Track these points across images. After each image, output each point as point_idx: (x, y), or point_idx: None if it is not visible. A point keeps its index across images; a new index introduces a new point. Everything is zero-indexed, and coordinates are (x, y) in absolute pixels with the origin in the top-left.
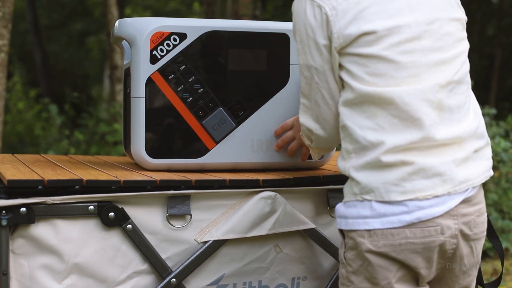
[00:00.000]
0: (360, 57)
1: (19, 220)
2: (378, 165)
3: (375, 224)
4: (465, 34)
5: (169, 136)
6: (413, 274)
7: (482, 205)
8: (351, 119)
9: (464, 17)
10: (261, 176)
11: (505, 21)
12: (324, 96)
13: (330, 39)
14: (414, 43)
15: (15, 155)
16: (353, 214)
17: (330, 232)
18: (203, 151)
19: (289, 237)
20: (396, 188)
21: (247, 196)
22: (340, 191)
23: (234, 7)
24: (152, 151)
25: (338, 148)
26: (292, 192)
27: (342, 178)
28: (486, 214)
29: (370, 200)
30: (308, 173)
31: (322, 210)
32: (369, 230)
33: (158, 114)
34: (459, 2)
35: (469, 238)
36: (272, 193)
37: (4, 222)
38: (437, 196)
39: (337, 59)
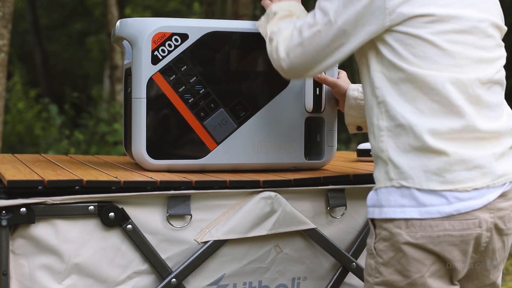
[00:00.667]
0: (408, 36)
1: (19, 220)
2: (421, 149)
3: (413, 213)
4: (503, 44)
5: (170, 137)
6: (446, 270)
7: None
8: (391, 96)
9: (504, 28)
10: (261, 177)
11: (505, 21)
12: (328, 49)
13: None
14: (462, 36)
15: (15, 155)
16: (389, 202)
17: (330, 232)
18: (204, 152)
19: (289, 237)
20: (437, 177)
21: (247, 196)
22: (341, 191)
23: (234, 7)
24: (153, 151)
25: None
26: (292, 192)
27: (342, 179)
28: None
29: (408, 188)
30: (309, 174)
31: (322, 210)
32: (406, 220)
33: (159, 115)
34: (502, 15)
35: (503, 232)
36: (272, 193)
37: (4, 222)
38: (476, 189)
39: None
